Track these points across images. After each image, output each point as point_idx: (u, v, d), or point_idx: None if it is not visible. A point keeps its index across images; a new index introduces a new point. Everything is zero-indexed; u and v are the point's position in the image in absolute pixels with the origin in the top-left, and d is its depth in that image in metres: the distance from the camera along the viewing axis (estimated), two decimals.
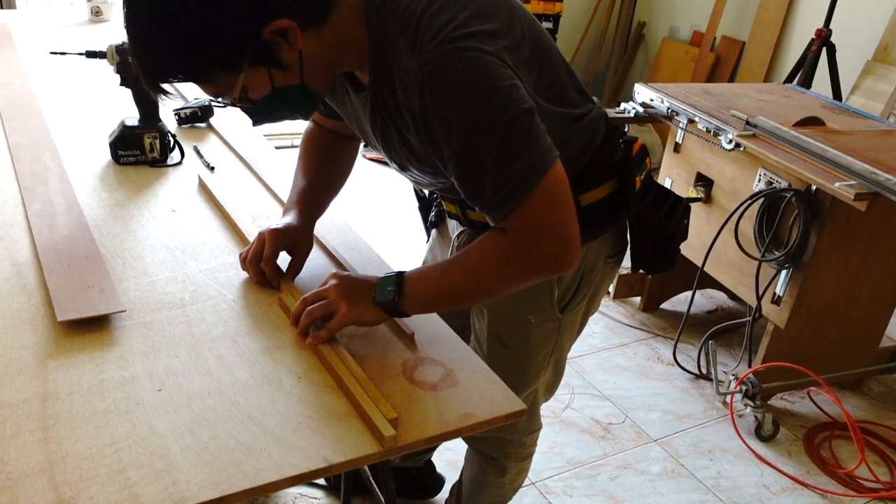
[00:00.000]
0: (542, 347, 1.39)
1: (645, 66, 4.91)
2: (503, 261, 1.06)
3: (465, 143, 0.99)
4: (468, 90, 0.96)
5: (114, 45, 1.57)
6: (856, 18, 3.62)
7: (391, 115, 1.08)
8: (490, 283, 1.09)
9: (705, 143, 2.50)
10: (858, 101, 3.44)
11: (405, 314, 1.11)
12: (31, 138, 1.68)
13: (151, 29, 0.95)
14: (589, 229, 1.24)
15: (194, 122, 1.88)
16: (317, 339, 1.08)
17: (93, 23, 2.72)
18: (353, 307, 1.08)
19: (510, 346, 1.38)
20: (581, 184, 1.20)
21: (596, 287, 1.37)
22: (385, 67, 1.03)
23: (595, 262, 1.32)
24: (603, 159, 1.23)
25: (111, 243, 1.31)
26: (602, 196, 1.24)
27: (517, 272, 1.07)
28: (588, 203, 1.23)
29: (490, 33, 1.00)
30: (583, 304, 1.37)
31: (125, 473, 0.84)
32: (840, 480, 2.18)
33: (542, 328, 1.36)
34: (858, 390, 2.62)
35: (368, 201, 3.54)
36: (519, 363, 1.38)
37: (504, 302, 1.29)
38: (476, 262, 1.07)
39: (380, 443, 0.92)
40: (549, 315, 1.34)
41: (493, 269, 1.07)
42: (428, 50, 0.96)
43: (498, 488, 1.63)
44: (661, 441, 2.28)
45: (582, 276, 1.32)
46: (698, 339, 2.73)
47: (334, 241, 1.38)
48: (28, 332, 1.06)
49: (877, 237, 2.28)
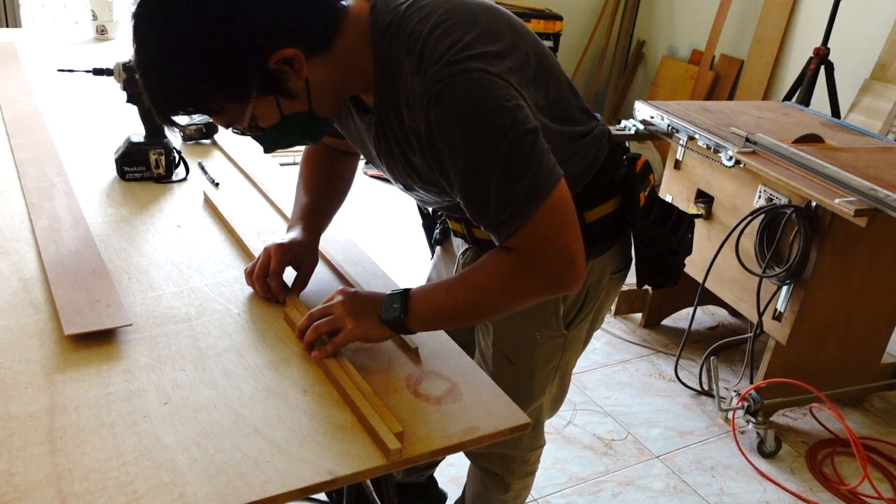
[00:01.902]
0: (547, 363, 1.39)
1: (644, 84, 4.95)
2: (508, 280, 1.06)
3: (469, 163, 1.00)
4: (472, 110, 0.98)
5: (121, 63, 1.59)
6: (854, 37, 3.65)
7: (396, 137, 1.09)
8: (495, 302, 1.09)
9: (705, 160, 2.52)
10: (857, 119, 3.46)
11: (410, 331, 1.11)
12: (37, 155, 1.69)
13: (159, 64, 0.97)
14: (594, 245, 1.26)
15: (199, 139, 1.89)
16: (322, 354, 1.08)
17: (98, 41, 2.75)
18: (360, 323, 1.09)
19: (516, 363, 1.38)
20: (586, 201, 1.22)
21: (601, 302, 1.37)
22: (390, 89, 1.05)
23: (600, 278, 1.32)
24: (607, 176, 1.24)
25: (117, 258, 1.32)
26: (607, 212, 1.26)
27: (522, 291, 1.07)
28: (593, 220, 1.24)
29: (495, 54, 1.01)
30: (588, 319, 1.38)
31: (132, 486, 0.85)
32: (843, 497, 2.18)
33: (547, 344, 1.36)
34: (860, 407, 2.62)
35: (371, 218, 3.55)
36: (524, 379, 1.38)
37: (509, 318, 1.29)
38: (481, 280, 1.08)
39: (385, 456, 0.93)
40: (554, 331, 1.35)
41: (498, 287, 1.07)
42: (433, 71, 0.98)
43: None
44: (663, 457, 2.28)
45: (587, 293, 1.33)
46: (700, 355, 2.73)
47: (339, 256, 1.39)
48: (35, 346, 1.07)
49: (877, 253, 2.29)
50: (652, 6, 4.87)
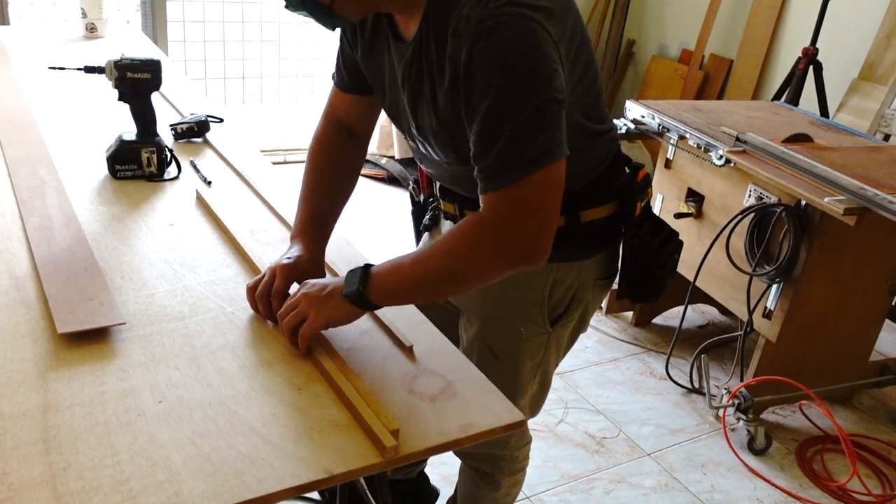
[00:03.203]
0: (530, 360, 1.39)
1: (634, 84, 4.96)
2: (476, 243, 1.06)
3: (495, 104, 1.01)
4: (518, 57, 0.99)
5: (112, 61, 1.58)
6: (842, 37, 3.68)
7: (430, 67, 1.09)
8: (458, 268, 1.08)
9: (696, 160, 2.53)
10: (845, 119, 3.48)
11: (375, 305, 1.11)
12: (27, 153, 1.68)
13: None
14: (586, 246, 1.27)
15: (191, 137, 1.89)
16: (302, 350, 1.09)
17: (87, 39, 2.73)
18: (322, 308, 1.09)
19: (500, 357, 1.38)
20: (584, 200, 1.24)
21: (586, 306, 1.38)
22: (443, 14, 1.05)
23: (587, 280, 1.33)
24: (608, 181, 1.26)
25: (109, 256, 1.31)
26: (602, 216, 1.27)
27: (488, 256, 1.06)
28: (588, 220, 1.26)
29: (552, 14, 1.03)
30: (573, 320, 1.38)
31: (127, 484, 0.85)
32: (832, 493, 2.19)
33: (532, 341, 1.37)
34: (849, 404, 2.64)
35: (365, 217, 3.55)
36: (508, 374, 1.37)
37: (495, 311, 1.31)
38: (449, 244, 1.07)
39: (381, 453, 0.93)
40: (540, 328, 1.35)
41: (465, 251, 1.06)
42: (495, 6, 0.99)
43: (492, 503, 1.64)
44: (654, 455, 2.29)
45: (574, 294, 1.33)
46: (690, 353, 2.74)
47: (332, 255, 1.39)
48: (28, 345, 1.06)
49: (865, 251, 2.30)
50: (642, 6, 4.89)
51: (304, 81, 4.78)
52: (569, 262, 1.29)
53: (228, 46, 4.48)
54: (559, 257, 1.21)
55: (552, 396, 2.48)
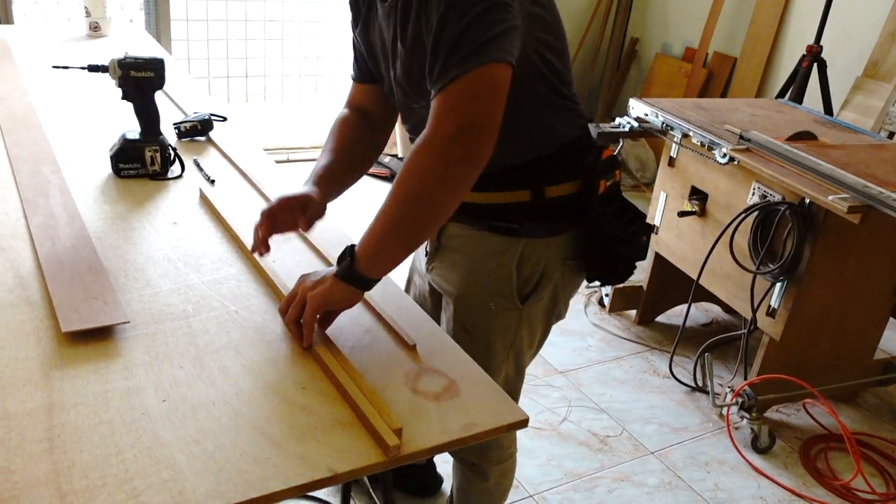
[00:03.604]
0: (502, 337, 1.42)
1: (638, 82, 4.96)
2: (422, 152, 1.09)
3: (445, 11, 1.06)
4: None
5: (116, 60, 1.58)
6: (846, 35, 3.67)
7: (408, 12, 1.15)
8: (417, 189, 1.10)
9: (699, 158, 2.53)
10: (849, 116, 3.48)
11: (367, 278, 1.13)
12: (31, 151, 1.69)
13: None
14: (551, 222, 1.32)
15: (194, 136, 1.89)
16: (308, 340, 1.10)
17: (91, 38, 2.74)
18: (316, 293, 1.11)
19: (473, 335, 1.41)
20: (549, 176, 1.30)
21: (557, 285, 1.40)
22: None
23: (555, 259, 1.36)
24: (573, 157, 1.31)
25: (113, 255, 1.31)
26: (567, 192, 1.32)
27: (434, 160, 1.08)
28: (552, 196, 1.31)
29: None
30: (544, 299, 1.40)
31: (132, 483, 0.85)
32: (836, 492, 2.19)
33: (502, 316, 1.39)
34: (853, 402, 2.63)
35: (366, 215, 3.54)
36: (481, 352, 1.39)
37: (467, 290, 1.36)
38: (402, 175, 1.11)
39: (384, 452, 0.93)
40: (509, 303, 1.38)
41: (415, 167, 1.09)
42: None
43: (484, 493, 1.65)
44: (658, 453, 2.29)
45: (543, 270, 1.36)
46: (694, 351, 2.74)
47: (333, 252, 1.39)
48: (32, 344, 1.06)
49: (870, 250, 2.30)
50: (645, 4, 4.88)
51: (308, 80, 4.78)
52: (535, 237, 1.33)
53: (232, 45, 4.48)
54: (526, 233, 1.30)
55: (555, 395, 2.49)
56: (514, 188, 1.29)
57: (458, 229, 1.37)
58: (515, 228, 1.31)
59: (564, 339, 2.84)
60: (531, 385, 2.53)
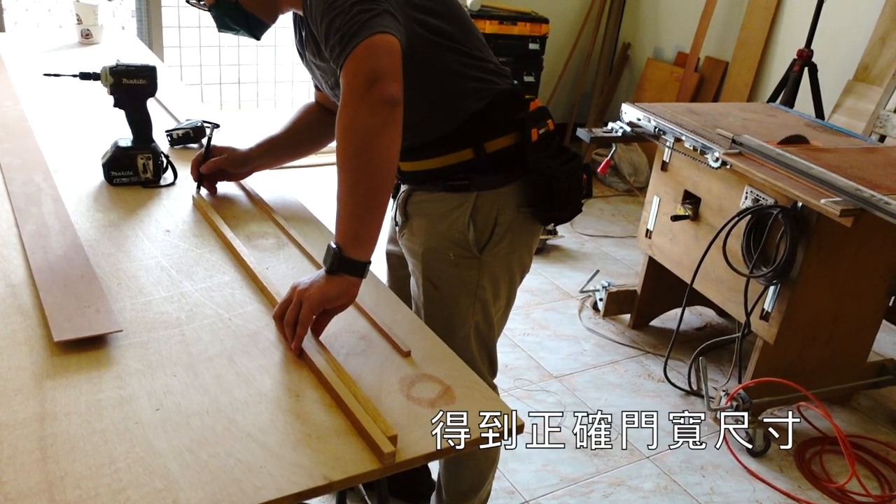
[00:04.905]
0: (466, 287, 1.50)
1: (630, 87, 4.97)
2: (348, 107, 1.12)
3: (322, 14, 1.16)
4: None
5: (107, 67, 1.57)
6: (836, 39, 3.69)
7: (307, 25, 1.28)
8: (357, 142, 1.12)
9: (692, 162, 2.54)
10: (840, 120, 3.49)
11: (357, 261, 1.14)
12: (23, 160, 1.68)
13: None
14: (496, 174, 1.44)
15: (186, 143, 1.88)
16: (299, 341, 1.10)
17: (83, 46, 2.73)
18: (314, 291, 1.11)
19: (440, 287, 1.51)
20: (486, 132, 1.41)
21: (514, 234, 1.48)
22: None
23: (506, 206, 1.45)
24: (506, 113, 1.42)
25: (106, 263, 1.31)
26: (505, 145, 1.43)
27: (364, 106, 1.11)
28: (492, 150, 1.42)
29: None
30: (501, 246, 1.47)
31: (125, 493, 0.84)
32: (831, 495, 2.19)
33: (463, 266, 1.48)
34: (847, 405, 2.64)
35: None
36: (448, 303, 1.51)
37: (429, 245, 1.48)
38: (338, 135, 1.14)
39: (379, 459, 0.92)
40: (468, 253, 1.47)
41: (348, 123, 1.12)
42: None
43: (471, 461, 1.67)
44: (653, 458, 2.28)
45: (496, 219, 1.45)
46: (688, 355, 2.74)
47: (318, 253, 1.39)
48: (24, 353, 1.06)
49: (862, 253, 2.31)
50: (637, 9, 4.90)
51: (300, 86, 4.78)
52: (486, 190, 1.44)
53: (224, 52, 4.48)
54: (476, 186, 1.43)
55: (550, 399, 2.49)
56: (458, 149, 1.42)
57: (420, 196, 1.49)
58: (466, 184, 1.43)
59: (559, 343, 2.84)
60: (526, 390, 2.53)
